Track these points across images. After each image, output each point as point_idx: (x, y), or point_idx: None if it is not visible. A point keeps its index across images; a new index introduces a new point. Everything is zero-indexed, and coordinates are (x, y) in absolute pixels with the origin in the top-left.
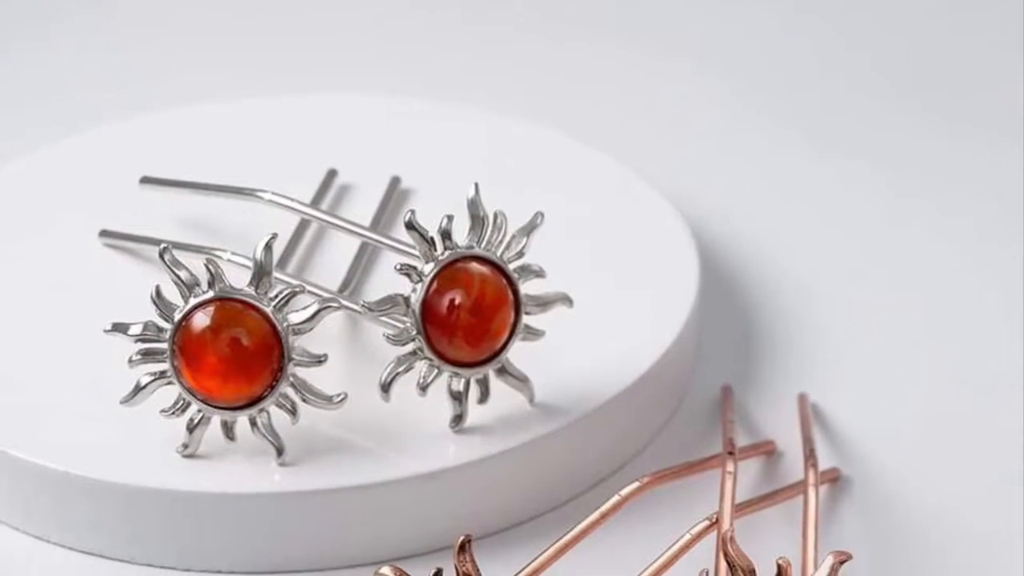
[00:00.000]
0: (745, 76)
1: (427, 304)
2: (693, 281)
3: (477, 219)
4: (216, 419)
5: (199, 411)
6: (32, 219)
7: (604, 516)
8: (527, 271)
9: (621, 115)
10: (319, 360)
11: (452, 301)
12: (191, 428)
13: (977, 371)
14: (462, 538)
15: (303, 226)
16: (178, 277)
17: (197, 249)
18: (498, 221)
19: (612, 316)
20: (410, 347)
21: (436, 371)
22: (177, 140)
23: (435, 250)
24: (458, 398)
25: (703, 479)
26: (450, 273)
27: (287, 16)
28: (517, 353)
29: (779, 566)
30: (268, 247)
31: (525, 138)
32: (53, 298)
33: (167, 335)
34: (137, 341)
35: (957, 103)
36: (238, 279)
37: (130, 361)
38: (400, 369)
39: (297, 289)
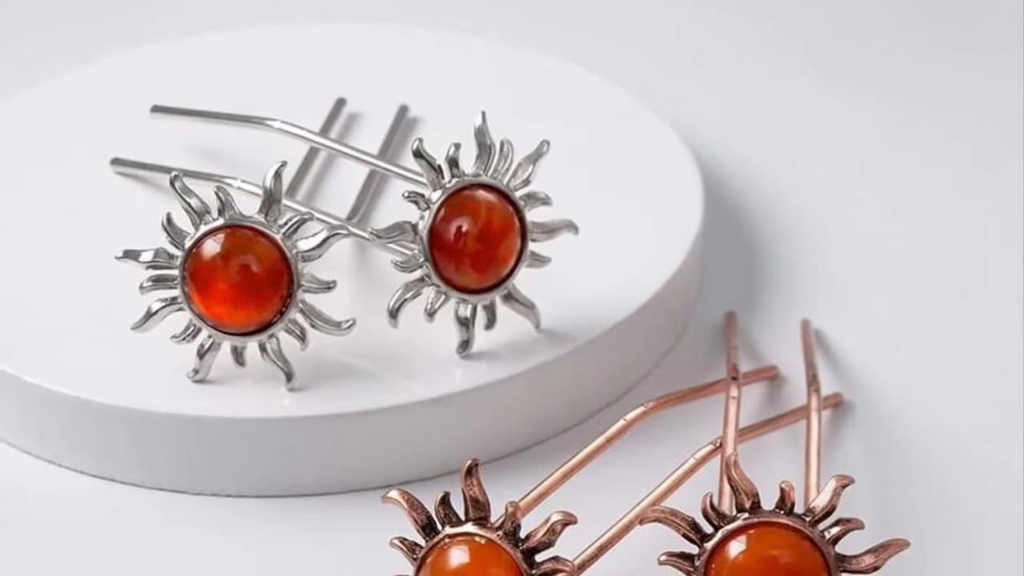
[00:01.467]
0: (749, 3)
1: (434, 231)
2: (697, 208)
3: (484, 147)
4: (226, 345)
5: (209, 337)
6: (45, 147)
7: (609, 441)
8: (533, 198)
9: (626, 43)
10: (328, 286)
11: (459, 228)
12: (201, 354)
13: (978, 296)
14: (469, 462)
15: (312, 154)
16: (189, 204)
17: (207, 177)
18: (504, 149)
19: (617, 243)
20: (418, 274)
21: (443, 297)
22: (187, 69)
23: (442, 178)
24: (465, 324)
25: (707, 404)
26: (457, 201)
27: None
28: (523, 279)
29: (782, 490)
30: (277, 175)
31: (531, 67)
32: (65, 225)
33: (178, 262)
34: (148, 268)
35: (959, 30)
36: (248, 207)
37: (141, 287)
38: (408, 295)
39: (306, 216)
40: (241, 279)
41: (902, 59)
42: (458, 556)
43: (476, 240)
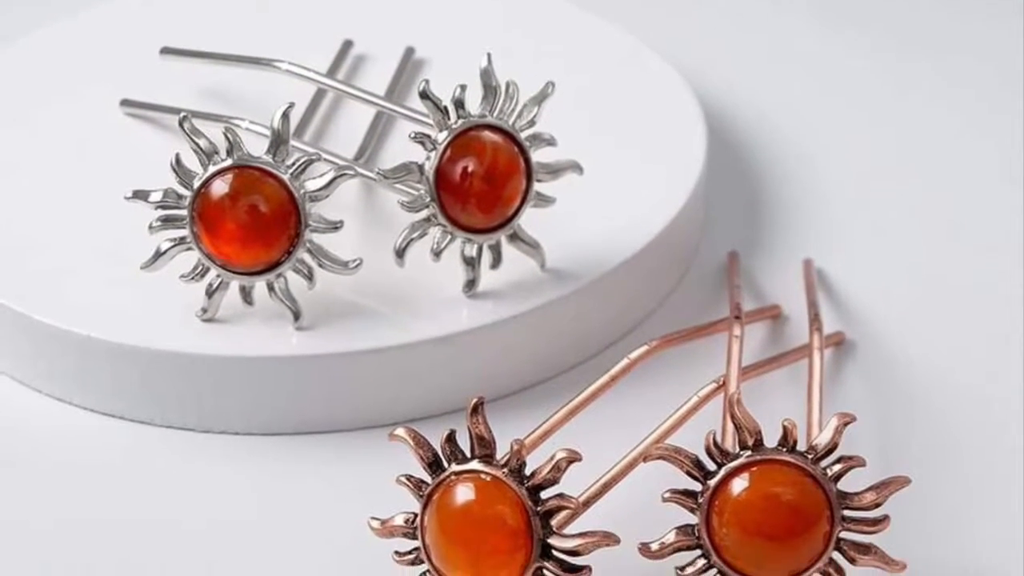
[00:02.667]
0: None
1: (441, 172)
2: (701, 149)
3: (490, 88)
4: (234, 284)
5: (218, 276)
6: (55, 88)
7: (614, 379)
8: (538, 139)
9: None
10: (335, 226)
11: (465, 168)
12: (210, 293)
13: (977, 236)
14: (475, 400)
15: (319, 95)
16: (197, 145)
17: (216, 118)
18: (510, 90)
19: (622, 183)
20: (424, 214)
21: (449, 237)
22: (196, 11)
23: (449, 119)
24: (471, 263)
25: (710, 343)
26: (463, 141)
27: None
28: (529, 219)
29: (784, 428)
30: (285, 116)
31: (537, 9)
32: (75, 166)
33: (187, 202)
34: (157, 208)
35: None
36: (256, 147)
37: (150, 227)
38: (414, 235)
39: (313, 157)
40: (249, 219)
41: (904, 1)
42: (464, 493)
43: (482, 180)
